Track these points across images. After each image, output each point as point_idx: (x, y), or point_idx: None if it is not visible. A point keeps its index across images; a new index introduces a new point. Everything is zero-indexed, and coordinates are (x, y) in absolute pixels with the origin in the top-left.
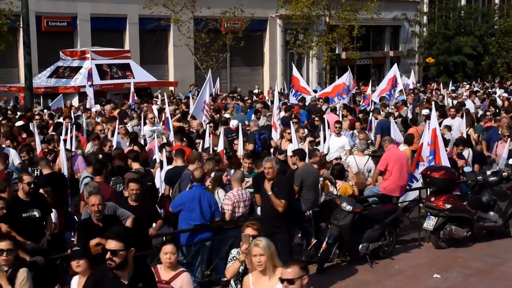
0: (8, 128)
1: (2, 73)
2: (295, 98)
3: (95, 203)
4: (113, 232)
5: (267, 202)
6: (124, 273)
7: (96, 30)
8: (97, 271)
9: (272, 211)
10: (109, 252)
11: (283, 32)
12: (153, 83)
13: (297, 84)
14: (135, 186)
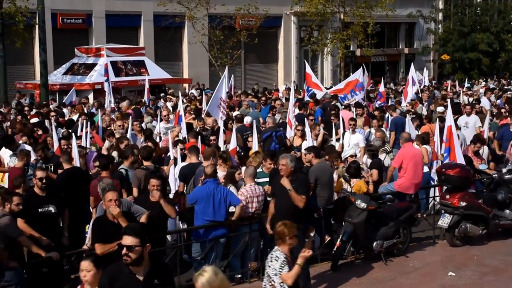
0: (22, 125)
1: (18, 70)
2: (307, 94)
3: (112, 198)
4: (129, 228)
5: (283, 199)
6: (139, 269)
7: (111, 27)
8: (113, 266)
9: (288, 208)
10: (125, 248)
11: (298, 29)
12: (168, 80)
13: (309, 80)
14: (156, 182)
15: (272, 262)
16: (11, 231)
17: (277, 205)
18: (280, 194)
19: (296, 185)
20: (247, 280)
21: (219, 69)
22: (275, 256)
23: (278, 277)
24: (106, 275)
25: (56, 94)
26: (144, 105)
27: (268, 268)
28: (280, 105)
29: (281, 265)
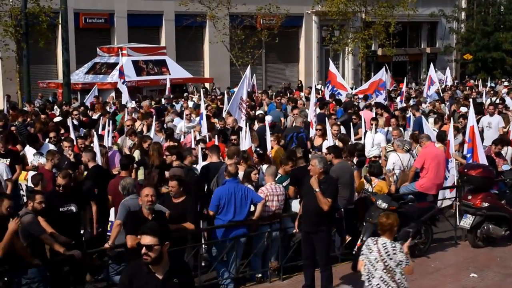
0: (42, 125)
1: (41, 69)
2: (330, 93)
3: (149, 193)
4: (147, 227)
5: (310, 199)
6: (159, 268)
7: (133, 26)
8: (132, 265)
9: (315, 209)
10: (144, 247)
11: (319, 28)
12: (189, 79)
13: (334, 80)
14: (174, 184)
15: (396, 254)
16: (33, 229)
17: (304, 204)
18: (307, 194)
19: (324, 187)
20: (268, 279)
21: (240, 68)
22: (399, 248)
23: (400, 268)
24: (126, 274)
25: (78, 93)
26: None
27: (389, 260)
28: (302, 104)
29: (407, 257)
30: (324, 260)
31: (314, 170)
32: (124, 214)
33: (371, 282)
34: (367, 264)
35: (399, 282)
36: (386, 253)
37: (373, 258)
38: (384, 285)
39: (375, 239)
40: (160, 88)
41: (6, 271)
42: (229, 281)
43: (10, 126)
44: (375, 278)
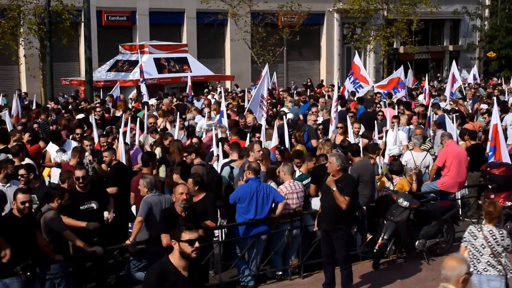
0: (67, 121)
1: (63, 67)
2: (352, 85)
3: (184, 191)
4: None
5: (328, 198)
6: (185, 265)
7: (155, 24)
8: (159, 265)
9: (333, 208)
10: (197, 242)
11: (340, 26)
12: (210, 77)
13: (357, 72)
14: (189, 182)
15: (504, 240)
16: (56, 226)
17: (323, 202)
18: (325, 192)
19: (342, 185)
20: (288, 277)
21: (261, 66)
22: (506, 234)
23: (506, 252)
24: (152, 275)
25: (100, 90)
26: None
27: (497, 246)
28: (324, 102)
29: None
30: (344, 259)
31: (332, 167)
32: (146, 211)
33: (477, 266)
34: (471, 250)
35: (505, 264)
36: (494, 240)
37: (479, 244)
38: (491, 268)
39: (479, 226)
40: (182, 85)
41: (30, 266)
42: (250, 278)
43: (33, 123)
44: (481, 263)
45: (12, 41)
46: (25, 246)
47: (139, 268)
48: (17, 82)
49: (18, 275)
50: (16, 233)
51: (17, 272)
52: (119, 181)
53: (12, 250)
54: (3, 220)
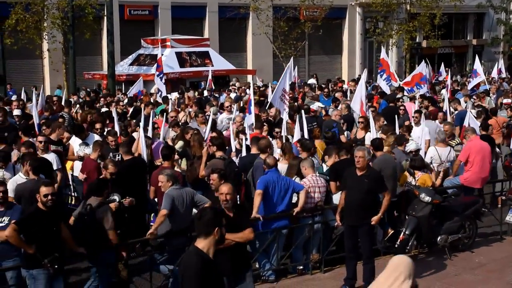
0: (90, 115)
1: (86, 61)
2: (385, 83)
3: (224, 192)
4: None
5: (354, 193)
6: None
7: (177, 18)
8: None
9: (359, 203)
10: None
11: (363, 20)
12: (232, 71)
13: (388, 69)
14: (215, 177)
15: None
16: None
17: (349, 197)
18: (351, 187)
19: (369, 181)
20: (309, 271)
21: (283, 60)
22: None
23: None
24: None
25: (123, 84)
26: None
27: None
28: (342, 97)
29: None
30: (368, 253)
31: (363, 162)
32: (170, 204)
33: None
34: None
35: None
36: None
37: None
38: None
39: None
40: (203, 79)
41: (57, 259)
42: (271, 272)
43: (57, 116)
44: None
45: (36, 35)
46: (51, 239)
47: (161, 262)
48: (40, 76)
49: (46, 267)
50: (42, 227)
51: (44, 264)
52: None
53: (39, 243)
54: (29, 214)
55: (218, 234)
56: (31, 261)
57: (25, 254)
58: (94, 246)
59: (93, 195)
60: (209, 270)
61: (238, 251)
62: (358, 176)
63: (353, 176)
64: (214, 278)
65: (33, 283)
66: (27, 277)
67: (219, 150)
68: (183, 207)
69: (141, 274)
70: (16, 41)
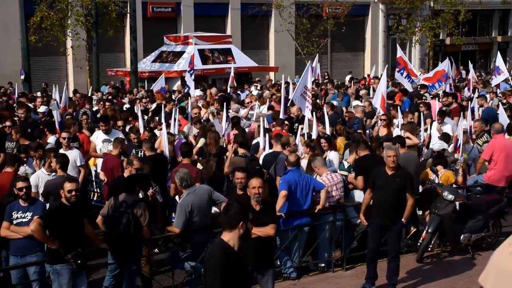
0: (113, 112)
1: (109, 58)
2: (407, 80)
3: (256, 185)
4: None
5: (385, 193)
6: (239, 246)
7: (199, 15)
8: (220, 246)
9: (391, 203)
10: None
11: (386, 17)
12: (254, 68)
13: (407, 66)
14: (241, 175)
15: None
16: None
17: (379, 197)
18: (383, 187)
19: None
20: (331, 269)
21: (305, 57)
22: None
23: None
24: (221, 256)
25: (145, 81)
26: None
27: None
28: (366, 94)
29: None
30: (396, 252)
31: (397, 160)
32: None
33: None
34: None
35: None
36: None
37: None
38: None
39: None
40: (225, 76)
41: (80, 255)
42: (292, 270)
43: (81, 113)
44: None
45: (60, 33)
46: (74, 235)
47: (183, 258)
48: (64, 73)
49: (69, 262)
50: (66, 222)
51: (68, 259)
52: (154, 174)
53: (63, 238)
54: (53, 209)
55: (243, 228)
56: (54, 256)
57: (49, 249)
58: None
59: (124, 192)
60: (233, 262)
61: (263, 248)
62: (389, 175)
63: (384, 176)
64: (239, 271)
65: (57, 278)
66: (50, 272)
67: (242, 148)
68: (201, 206)
69: (163, 271)
70: (41, 38)
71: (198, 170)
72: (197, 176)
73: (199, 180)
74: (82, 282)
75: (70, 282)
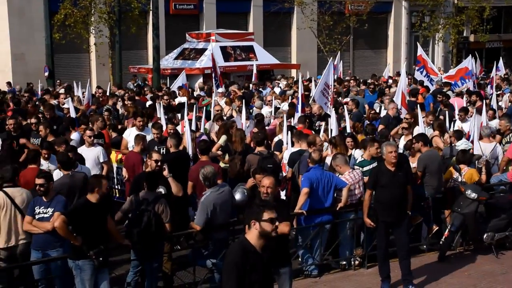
0: (135, 108)
1: (132, 55)
2: (426, 79)
3: (266, 185)
4: (271, 205)
5: (393, 190)
6: (261, 245)
7: (221, 12)
8: (239, 244)
9: (400, 199)
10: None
11: (409, 14)
12: (276, 65)
13: (427, 65)
14: (260, 177)
15: None
16: (164, 216)
17: (384, 195)
18: (389, 184)
19: (403, 173)
20: (352, 267)
21: (327, 54)
22: None
23: None
24: (237, 254)
25: (167, 78)
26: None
27: None
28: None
29: None
30: (407, 248)
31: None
32: (203, 218)
33: None
34: None
35: None
36: None
37: None
38: None
39: None
40: (247, 74)
41: (102, 252)
42: (313, 267)
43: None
44: None
45: (84, 30)
46: (98, 231)
47: (205, 255)
48: (87, 70)
49: (92, 259)
50: (90, 219)
51: (90, 256)
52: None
53: (86, 235)
54: (78, 206)
55: (258, 227)
56: (77, 252)
57: (72, 245)
58: (154, 240)
59: (147, 189)
60: (250, 261)
61: (278, 246)
62: (392, 172)
63: (387, 173)
64: (258, 270)
65: (79, 274)
66: (73, 268)
67: (259, 146)
68: (223, 205)
69: (185, 267)
70: (64, 35)
71: (219, 167)
72: (218, 173)
73: (220, 177)
74: (104, 278)
75: (92, 278)
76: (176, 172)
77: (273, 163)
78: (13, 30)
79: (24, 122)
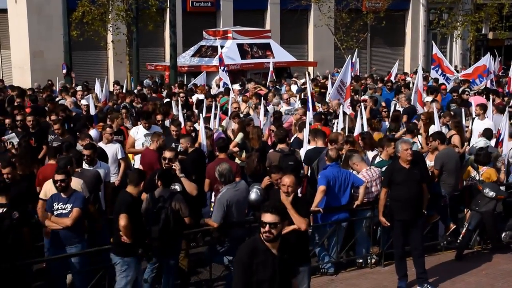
0: (153, 105)
1: (149, 52)
2: (442, 78)
3: (286, 183)
4: (270, 206)
5: (410, 188)
6: (275, 245)
7: (238, 10)
8: (249, 242)
9: (417, 196)
10: (268, 225)
11: (426, 11)
12: (293, 63)
13: (442, 64)
14: (276, 177)
15: None
16: (182, 211)
17: (400, 193)
18: (405, 182)
19: (417, 171)
20: (368, 265)
21: (344, 52)
22: None
23: None
24: (244, 252)
25: (184, 75)
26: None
27: None
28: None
29: None
30: (422, 246)
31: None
32: (220, 215)
33: None
34: None
35: None
36: None
37: None
38: None
39: None
40: (264, 71)
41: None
42: (330, 265)
43: (121, 106)
44: None
45: (101, 27)
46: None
47: (222, 252)
48: (105, 67)
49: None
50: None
51: (141, 253)
52: (196, 169)
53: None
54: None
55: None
56: (126, 249)
57: (120, 242)
58: (172, 238)
59: (162, 186)
60: (260, 259)
61: (297, 243)
62: (407, 169)
63: (402, 171)
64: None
65: (125, 270)
66: (120, 264)
67: (280, 143)
68: (239, 203)
69: (202, 265)
70: (82, 33)
71: (237, 164)
72: (237, 170)
73: (239, 174)
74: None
75: (135, 274)
76: (192, 169)
77: (294, 161)
78: (32, 28)
79: (43, 119)
